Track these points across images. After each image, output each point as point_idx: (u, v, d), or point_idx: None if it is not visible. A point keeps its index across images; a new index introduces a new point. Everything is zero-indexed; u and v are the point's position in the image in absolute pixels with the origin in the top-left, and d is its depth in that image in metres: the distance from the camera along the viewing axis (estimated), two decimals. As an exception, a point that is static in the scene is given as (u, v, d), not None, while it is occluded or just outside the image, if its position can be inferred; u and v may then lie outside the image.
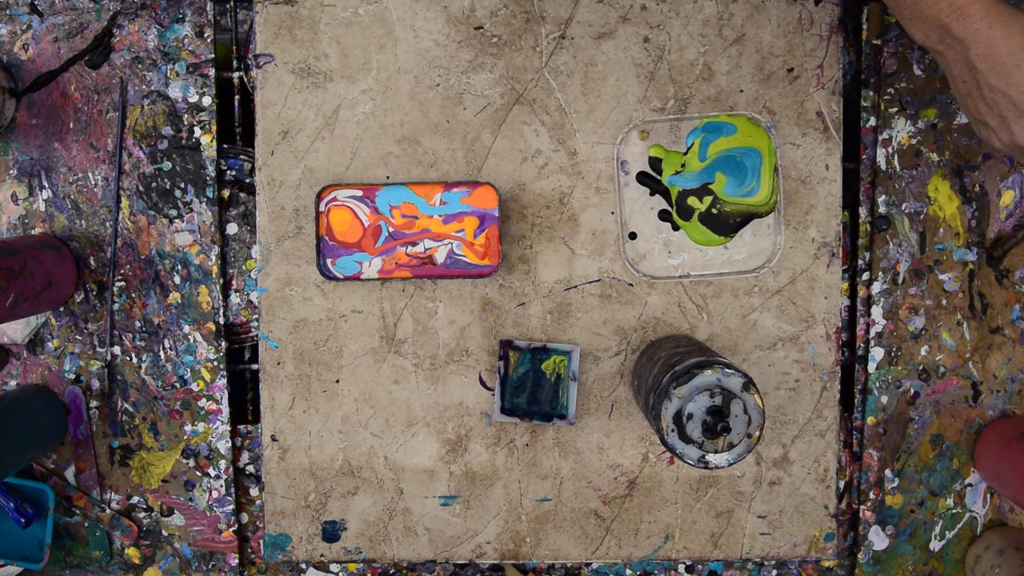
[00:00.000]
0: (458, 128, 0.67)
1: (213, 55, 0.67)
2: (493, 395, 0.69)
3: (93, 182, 0.68)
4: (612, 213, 0.67)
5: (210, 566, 0.71)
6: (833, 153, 0.67)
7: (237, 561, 0.71)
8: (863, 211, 0.68)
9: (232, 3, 0.68)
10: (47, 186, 0.68)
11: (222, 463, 0.70)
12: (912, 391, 0.69)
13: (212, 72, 0.67)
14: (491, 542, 0.70)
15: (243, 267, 0.70)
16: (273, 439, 0.69)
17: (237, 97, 0.69)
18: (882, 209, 0.67)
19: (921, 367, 0.68)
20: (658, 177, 0.67)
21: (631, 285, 0.68)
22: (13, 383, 0.70)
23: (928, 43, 0.54)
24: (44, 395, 0.68)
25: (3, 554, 0.69)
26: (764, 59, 0.66)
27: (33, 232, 0.68)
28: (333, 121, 0.67)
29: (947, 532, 0.70)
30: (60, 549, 0.71)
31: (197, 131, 0.67)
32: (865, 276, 0.68)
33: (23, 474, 0.70)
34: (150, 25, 0.67)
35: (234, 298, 0.70)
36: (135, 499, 0.70)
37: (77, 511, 0.70)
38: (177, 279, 0.68)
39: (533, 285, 0.68)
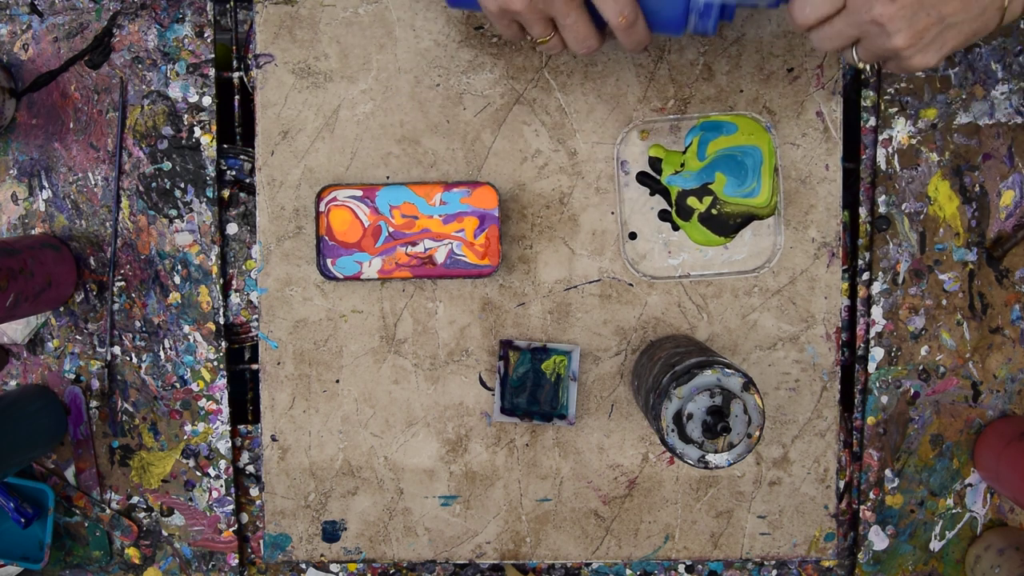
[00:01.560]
0: (458, 128, 0.67)
1: (213, 55, 0.67)
2: (493, 395, 0.69)
3: (93, 182, 0.68)
4: (612, 213, 0.67)
5: (210, 566, 0.71)
6: (833, 153, 0.67)
7: (237, 561, 0.71)
8: (863, 211, 0.68)
9: (232, 3, 0.68)
10: (47, 186, 0.68)
11: (222, 463, 0.70)
12: (912, 391, 0.69)
13: (212, 72, 0.67)
14: (491, 542, 0.70)
15: (243, 267, 0.70)
16: (273, 439, 0.69)
17: (237, 97, 0.69)
18: (882, 209, 0.67)
19: (921, 367, 0.68)
20: (657, 177, 0.67)
21: (631, 285, 0.68)
22: (13, 383, 0.70)
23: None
24: (44, 395, 0.68)
25: (3, 554, 0.69)
26: (764, 59, 0.66)
27: (33, 232, 0.68)
28: (333, 121, 0.67)
29: (947, 532, 0.70)
30: (60, 549, 0.71)
31: (197, 131, 0.67)
32: (865, 276, 0.68)
33: (23, 474, 0.70)
34: (150, 25, 0.67)
35: (234, 298, 0.70)
36: (135, 499, 0.70)
37: (77, 511, 0.71)
38: (177, 279, 0.68)
39: (533, 285, 0.68)
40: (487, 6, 0.51)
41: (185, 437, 0.69)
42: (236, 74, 0.69)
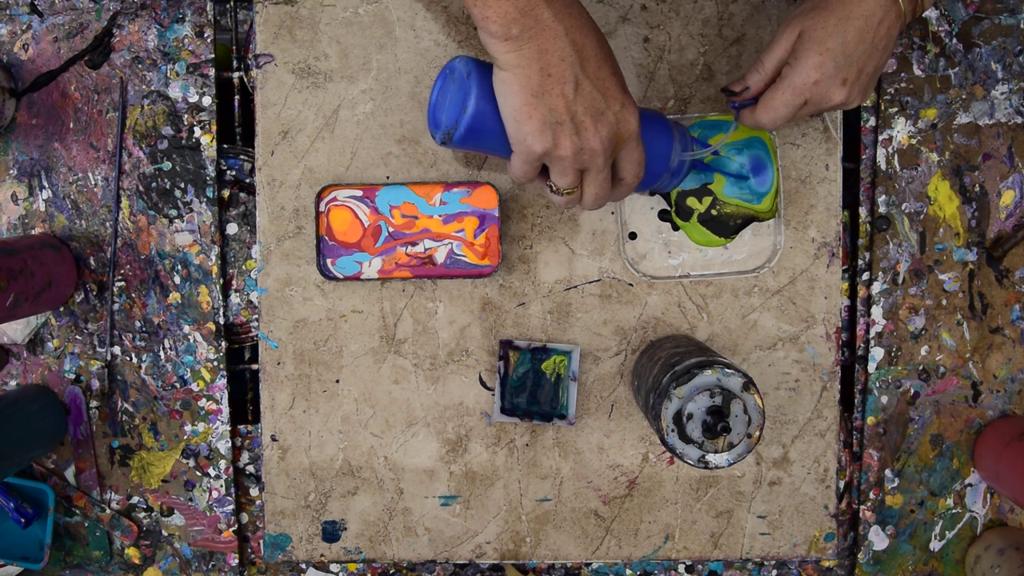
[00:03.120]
0: (458, 128, 0.67)
1: (213, 55, 0.67)
2: (493, 395, 0.69)
3: (93, 182, 0.68)
4: (612, 213, 0.67)
5: (210, 566, 0.71)
6: (833, 153, 0.67)
7: (237, 561, 0.71)
8: (863, 211, 0.68)
9: (232, 3, 0.68)
10: (47, 186, 0.68)
11: (222, 463, 0.70)
12: (912, 391, 0.69)
13: (212, 72, 0.67)
14: (491, 542, 0.70)
15: (243, 267, 0.70)
16: (273, 439, 0.69)
17: (237, 97, 0.69)
18: (882, 209, 0.67)
19: (921, 367, 0.68)
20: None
21: (631, 285, 0.68)
22: (13, 383, 0.70)
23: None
24: (44, 395, 0.68)
25: (3, 554, 0.69)
26: (764, 59, 0.66)
27: (33, 232, 0.68)
28: (333, 121, 0.67)
29: (947, 532, 0.70)
30: (60, 549, 0.71)
31: (197, 131, 0.67)
32: (865, 276, 0.68)
33: (23, 474, 0.70)
34: (150, 25, 0.67)
35: (234, 298, 0.70)
36: (135, 499, 0.70)
37: (77, 511, 0.71)
38: (177, 279, 0.68)
39: (533, 285, 0.68)
40: (529, 146, 0.48)
41: (185, 437, 0.69)
42: (236, 74, 0.69)
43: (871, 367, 0.68)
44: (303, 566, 0.71)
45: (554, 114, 0.47)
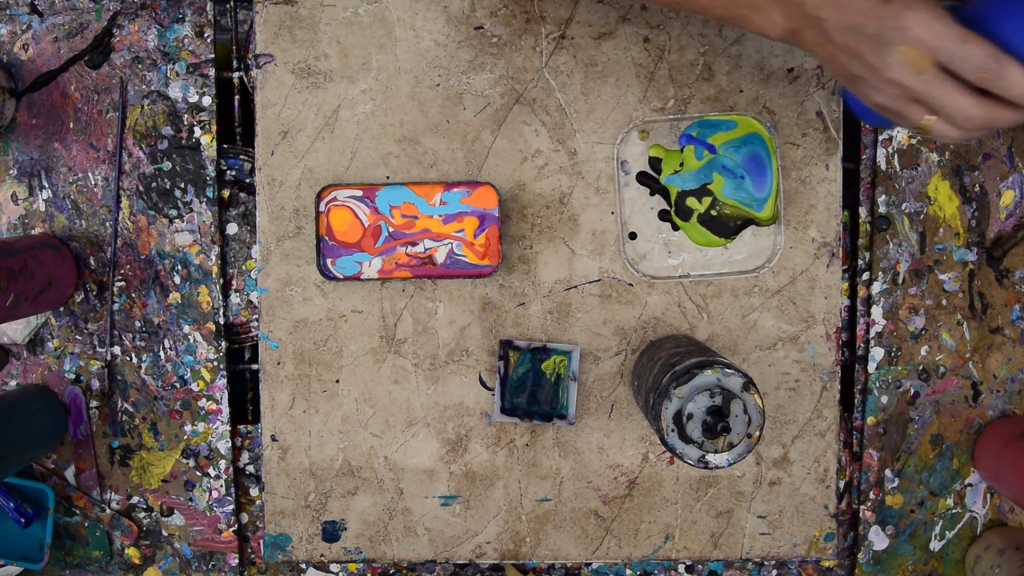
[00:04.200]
0: (458, 128, 0.67)
1: (213, 55, 0.67)
2: (493, 395, 0.69)
3: (93, 182, 0.68)
4: (612, 213, 0.67)
5: (210, 566, 0.71)
6: (833, 153, 0.67)
7: (237, 561, 0.71)
8: (863, 211, 0.68)
9: (232, 3, 0.68)
10: (47, 186, 0.68)
11: (222, 463, 0.70)
12: (912, 391, 0.69)
13: (212, 72, 0.67)
14: (491, 542, 0.70)
15: (243, 267, 0.70)
16: (273, 439, 0.69)
17: (237, 97, 0.69)
18: (882, 209, 0.67)
19: (921, 367, 0.68)
20: (657, 177, 0.67)
21: (631, 285, 0.68)
22: (13, 383, 0.70)
23: (780, 32, 0.49)
24: (44, 395, 0.68)
25: (3, 554, 0.69)
26: (764, 59, 0.66)
27: (33, 232, 0.68)
28: (333, 121, 0.67)
29: (947, 532, 0.70)
30: (60, 549, 0.71)
31: (197, 131, 0.67)
32: (865, 276, 0.68)
33: (23, 474, 0.70)
34: (150, 25, 0.67)
35: (234, 298, 0.70)
36: (135, 499, 0.70)
37: (77, 511, 0.71)
38: (177, 279, 0.68)
39: (533, 285, 0.68)
40: (869, 104, 0.48)
41: (185, 437, 0.69)
42: (236, 74, 0.69)
43: (871, 367, 0.68)
44: (303, 566, 0.71)
45: (843, 71, 0.47)
